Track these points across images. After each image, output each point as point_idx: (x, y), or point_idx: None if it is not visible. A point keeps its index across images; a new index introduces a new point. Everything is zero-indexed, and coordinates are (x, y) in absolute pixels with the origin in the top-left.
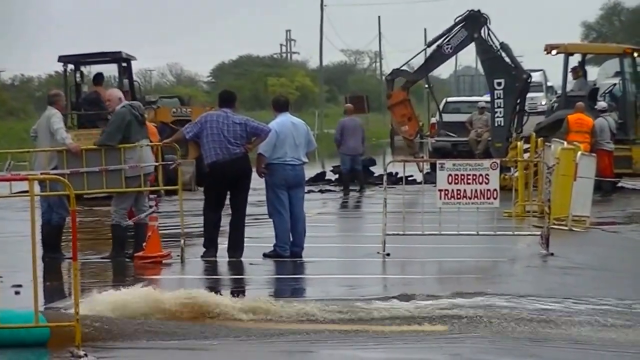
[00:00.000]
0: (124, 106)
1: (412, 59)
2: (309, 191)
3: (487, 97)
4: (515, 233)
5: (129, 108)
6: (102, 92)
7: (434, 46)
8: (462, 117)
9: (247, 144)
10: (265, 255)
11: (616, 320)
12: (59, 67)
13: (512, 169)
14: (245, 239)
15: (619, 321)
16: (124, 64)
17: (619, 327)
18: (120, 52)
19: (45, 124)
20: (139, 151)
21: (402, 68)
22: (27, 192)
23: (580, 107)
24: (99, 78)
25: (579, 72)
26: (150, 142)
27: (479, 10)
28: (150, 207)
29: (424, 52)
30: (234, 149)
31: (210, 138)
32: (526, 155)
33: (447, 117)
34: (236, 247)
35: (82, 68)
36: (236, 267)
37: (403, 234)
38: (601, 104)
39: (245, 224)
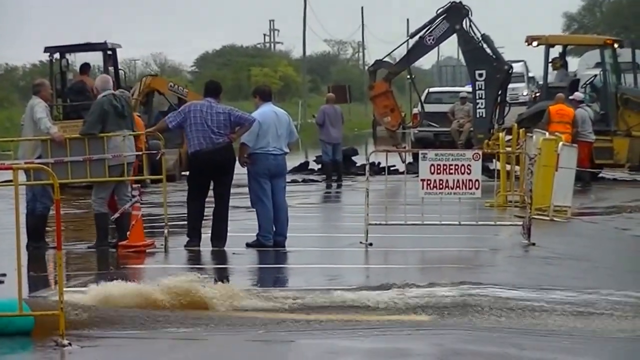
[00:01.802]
0: (105, 95)
1: (394, 50)
2: (292, 181)
3: (468, 88)
4: (497, 223)
5: (109, 98)
6: (89, 81)
7: (416, 37)
8: (444, 108)
9: (231, 133)
10: (248, 245)
11: (596, 309)
12: (44, 56)
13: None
14: (228, 229)
15: (600, 310)
16: (109, 52)
17: (600, 316)
18: (105, 43)
19: (29, 113)
20: (114, 141)
21: (384, 59)
22: (11, 181)
23: (560, 97)
24: (85, 67)
25: (557, 63)
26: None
27: (460, 2)
28: (134, 196)
29: (406, 43)
30: (217, 138)
31: (194, 127)
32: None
33: (429, 108)
34: (219, 236)
35: (68, 56)
36: (219, 256)
37: (385, 224)
38: (578, 95)
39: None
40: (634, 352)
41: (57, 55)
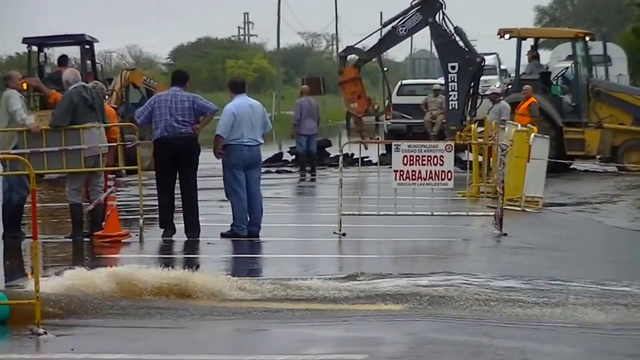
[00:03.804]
0: (76, 87)
1: (366, 37)
2: (266, 171)
3: (441, 80)
4: (470, 213)
5: (79, 89)
6: None
7: (388, 27)
8: (417, 100)
9: (196, 123)
10: (222, 235)
11: (567, 299)
12: (20, 48)
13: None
14: (200, 218)
15: (570, 300)
16: (87, 46)
17: (570, 306)
18: (83, 35)
19: (4, 105)
20: (88, 133)
21: (355, 45)
22: None
23: (528, 89)
24: (63, 60)
25: (530, 54)
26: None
27: None
28: (109, 186)
29: (379, 32)
30: (180, 127)
31: (159, 117)
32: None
33: (402, 100)
34: (192, 227)
35: (46, 50)
36: (194, 246)
37: (359, 214)
38: (495, 88)
39: (199, 204)
40: (604, 341)
41: (35, 48)
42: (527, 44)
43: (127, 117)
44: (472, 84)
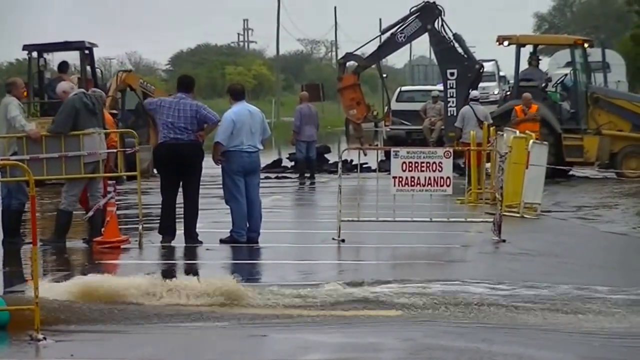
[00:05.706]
0: (76, 94)
1: (366, 44)
2: (266, 177)
3: (440, 87)
4: (468, 220)
5: (79, 96)
6: (67, 78)
7: (387, 34)
8: (416, 106)
9: (200, 131)
10: (221, 241)
11: (564, 305)
12: (20, 54)
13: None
14: (199, 224)
15: (568, 306)
16: (86, 52)
17: (568, 312)
18: (83, 41)
19: (3, 112)
20: (88, 139)
21: (354, 52)
22: None
23: (527, 97)
24: (64, 66)
25: (533, 60)
26: (105, 129)
27: (434, 2)
28: (109, 192)
29: (378, 38)
30: (182, 133)
31: (161, 123)
32: None
33: (401, 106)
34: (190, 233)
35: (46, 56)
36: (193, 252)
37: (358, 220)
38: (473, 93)
39: (199, 210)
40: (602, 347)
41: (35, 54)
42: (526, 51)
43: (124, 124)
44: (471, 91)
